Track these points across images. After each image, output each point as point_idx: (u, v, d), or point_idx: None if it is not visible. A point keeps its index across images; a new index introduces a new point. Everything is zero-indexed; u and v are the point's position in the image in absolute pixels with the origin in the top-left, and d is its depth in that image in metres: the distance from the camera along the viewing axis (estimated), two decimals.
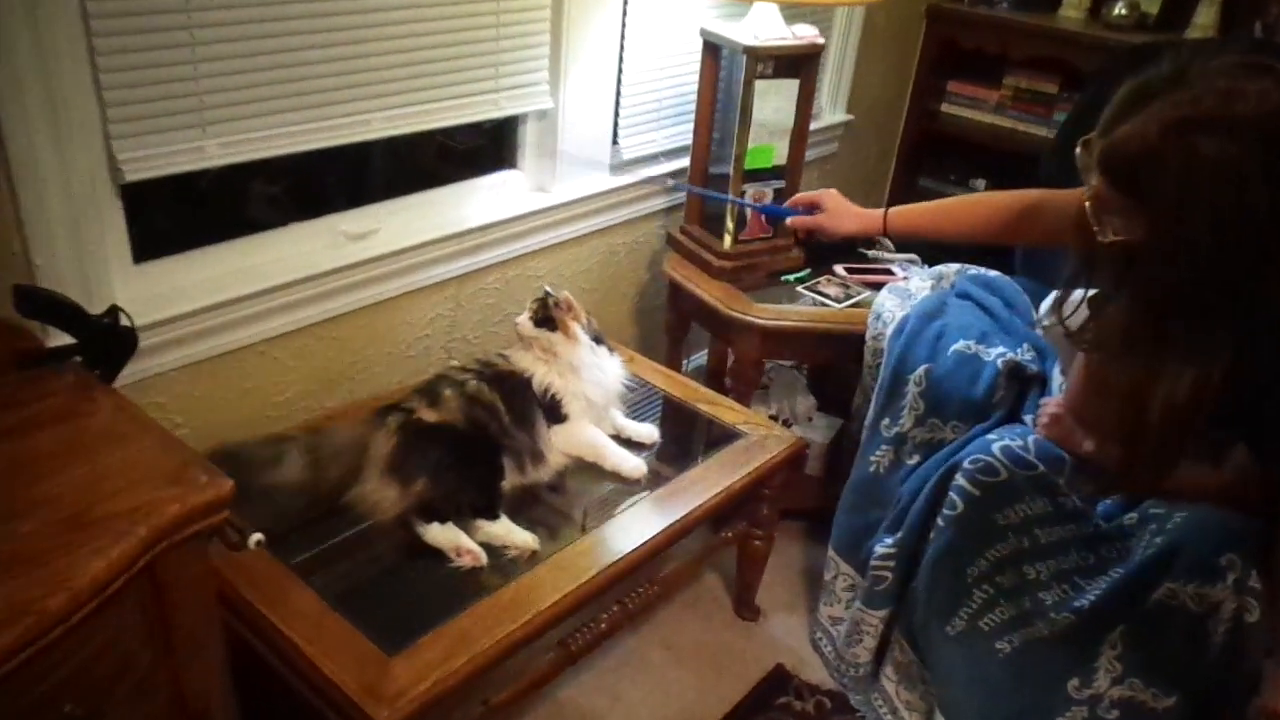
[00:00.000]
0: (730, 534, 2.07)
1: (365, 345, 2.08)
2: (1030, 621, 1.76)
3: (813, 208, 2.21)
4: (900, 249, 2.52)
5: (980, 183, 3.57)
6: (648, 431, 2.00)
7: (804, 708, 2.02)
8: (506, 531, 1.67)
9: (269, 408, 1.94)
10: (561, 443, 1.89)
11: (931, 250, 2.50)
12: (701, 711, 2.00)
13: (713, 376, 2.74)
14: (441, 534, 1.64)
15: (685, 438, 2.08)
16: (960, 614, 1.83)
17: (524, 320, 1.93)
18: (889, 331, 2.12)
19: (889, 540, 1.95)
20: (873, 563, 1.97)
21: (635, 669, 2.07)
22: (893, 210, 2.09)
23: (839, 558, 2.12)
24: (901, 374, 2.02)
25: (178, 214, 1.85)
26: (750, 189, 2.31)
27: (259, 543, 1.29)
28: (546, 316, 1.91)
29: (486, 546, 1.64)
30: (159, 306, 1.69)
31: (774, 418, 2.54)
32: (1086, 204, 1.38)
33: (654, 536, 1.72)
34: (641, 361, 2.26)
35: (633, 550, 1.68)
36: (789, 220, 2.24)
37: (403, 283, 2.08)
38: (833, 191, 2.20)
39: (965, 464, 1.80)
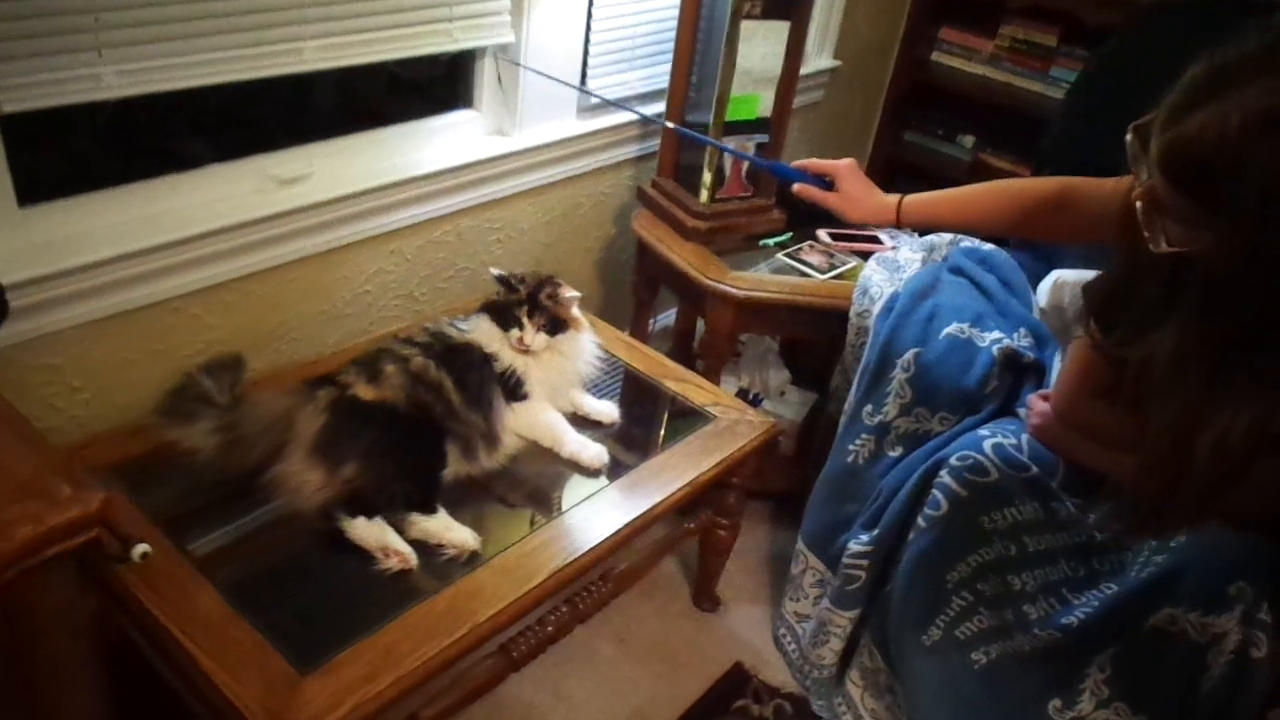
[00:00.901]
0: (693, 525, 1.90)
1: (297, 302, 1.87)
2: (1010, 634, 1.63)
3: (825, 179, 1.87)
4: None
5: (969, 139, 3.39)
6: (607, 410, 1.82)
7: (762, 712, 1.89)
8: (444, 528, 1.49)
9: (185, 370, 1.73)
10: (517, 423, 1.71)
11: None
12: (653, 712, 1.86)
13: (680, 342, 2.56)
14: (368, 530, 1.45)
15: (648, 419, 1.90)
16: (937, 622, 1.69)
17: (532, 336, 1.72)
18: (876, 309, 1.95)
19: (864, 537, 1.81)
20: (845, 560, 1.83)
21: (583, 663, 1.92)
22: (909, 199, 1.81)
23: (809, 551, 1.98)
24: (888, 357, 1.85)
25: (75, 151, 1.61)
26: (731, 142, 2.10)
27: (144, 555, 1.10)
28: (552, 317, 1.74)
29: (420, 545, 1.47)
30: (50, 258, 1.48)
31: (744, 391, 2.37)
32: (1137, 204, 1.16)
33: (609, 536, 1.55)
34: (604, 329, 2.07)
35: (585, 552, 1.51)
36: (796, 187, 1.87)
37: (340, 234, 1.86)
38: (850, 163, 1.85)
39: (953, 460, 1.65)
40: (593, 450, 1.71)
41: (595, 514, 1.60)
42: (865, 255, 2.16)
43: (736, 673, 1.97)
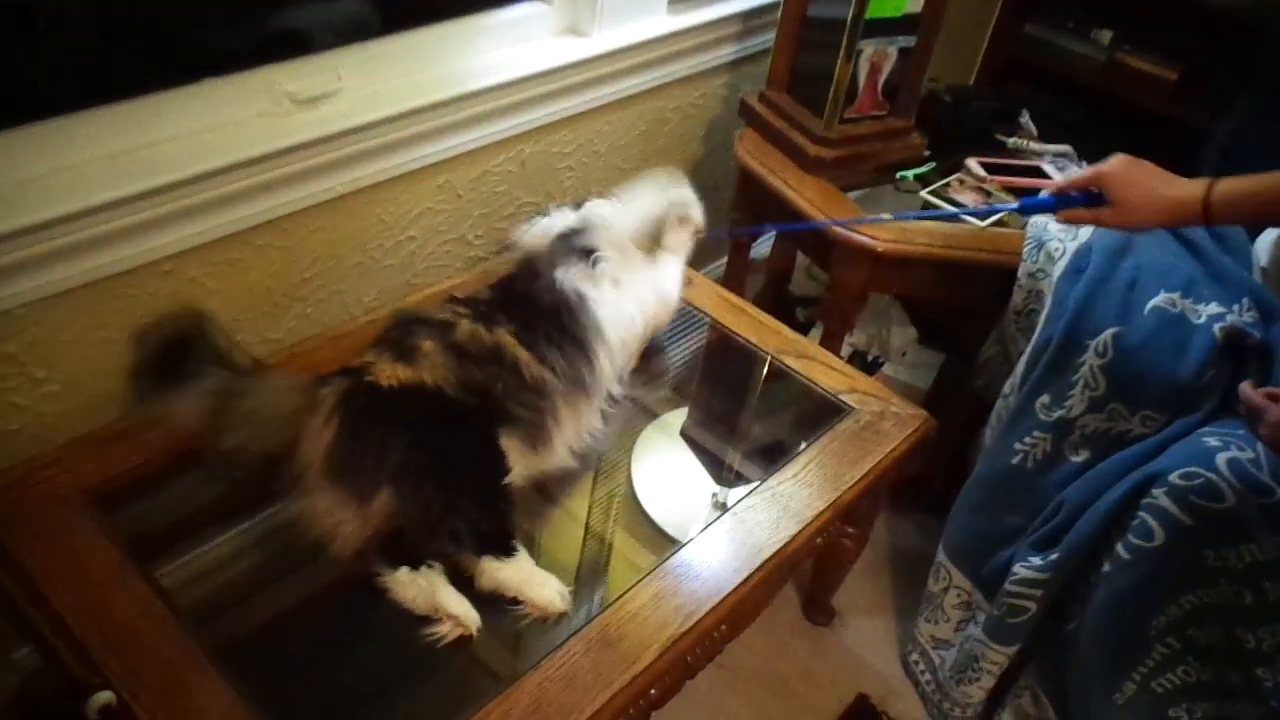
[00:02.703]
0: (820, 539, 1.53)
1: (323, 255, 1.47)
2: (1231, 698, 1.28)
3: (1091, 193, 1.33)
4: (1045, 133, 1.88)
5: (1105, 34, 2.86)
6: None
7: None
8: (524, 580, 1.12)
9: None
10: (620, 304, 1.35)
11: (1090, 142, 1.87)
12: None
13: (774, 287, 2.14)
14: (413, 587, 1.09)
15: (765, 411, 1.51)
16: (1133, 675, 1.35)
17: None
18: (1057, 271, 1.53)
19: (1037, 561, 1.43)
20: (1010, 586, 1.46)
21: (678, 696, 1.58)
22: (1219, 188, 1.25)
23: (953, 566, 1.61)
24: (1076, 336, 1.44)
25: (23, 63, 1.18)
26: (869, 47, 1.64)
27: (106, 707, 0.74)
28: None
29: (491, 598, 1.11)
30: None
31: (858, 354, 1.97)
32: None
33: (736, 587, 1.18)
34: (697, 280, 1.66)
35: (707, 613, 1.14)
36: (1060, 215, 1.35)
37: (376, 167, 1.45)
38: (1122, 161, 1.31)
39: (1174, 478, 1.28)
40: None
41: (714, 552, 1.22)
42: (1026, 192, 1.71)
43: (861, 708, 1.63)
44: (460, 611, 1.08)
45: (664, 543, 1.30)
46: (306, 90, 1.34)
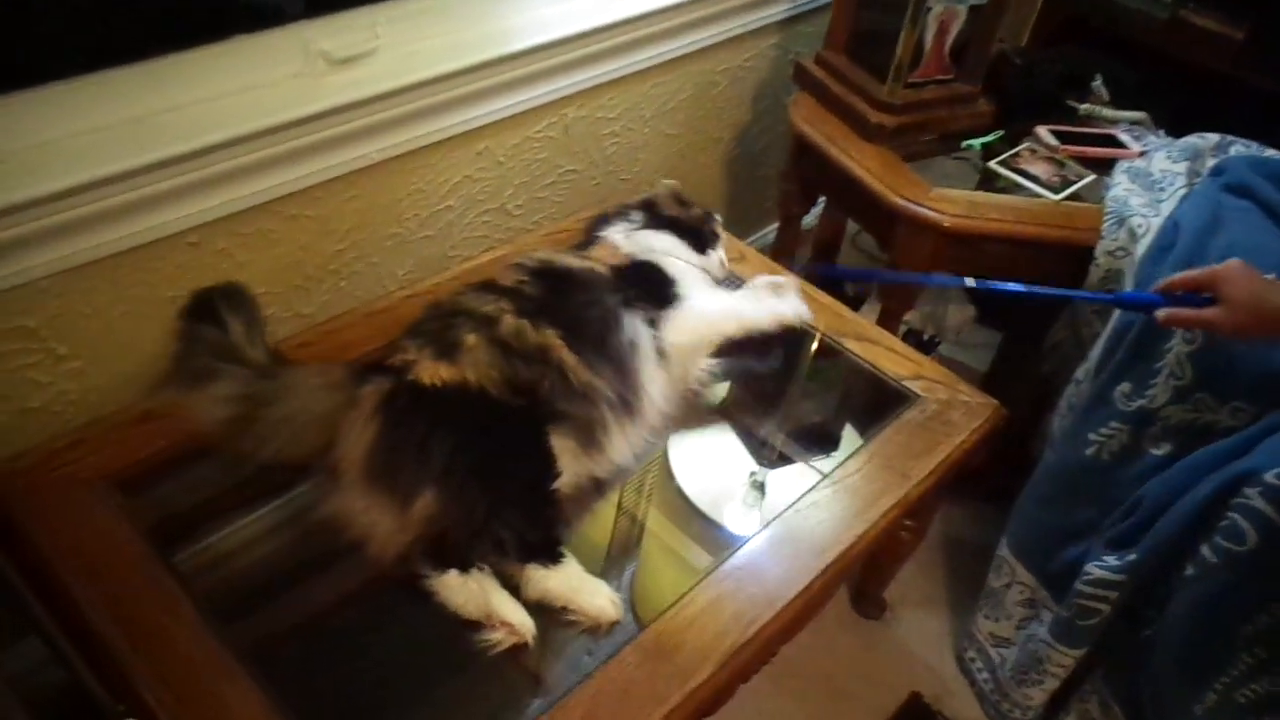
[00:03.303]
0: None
1: (356, 226, 1.39)
2: None
3: (1200, 294, 1.19)
4: (1116, 95, 1.76)
5: None
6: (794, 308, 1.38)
7: None
8: (574, 588, 1.05)
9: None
10: (677, 333, 1.26)
11: (1169, 108, 1.75)
12: None
13: (819, 258, 2.05)
14: (464, 590, 1.02)
15: (824, 399, 1.42)
16: (1215, 686, 1.26)
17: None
18: (1140, 249, 1.42)
19: (1113, 560, 1.34)
20: (1082, 587, 1.37)
21: None
22: None
23: (1017, 561, 1.52)
24: None
25: (38, 19, 1.09)
26: (938, 5, 1.53)
27: None
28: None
29: (537, 607, 1.04)
30: (10, 179, 1.02)
31: (913, 333, 1.87)
32: None
33: (799, 593, 1.11)
34: (750, 255, 1.56)
35: (769, 620, 1.07)
36: (1162, 314, 1.19)
37: (414, 133, 1.36)
38: (1236, 265, 1.17)
39: (1270, 477, 1.18)
40: (793, 304, 1.34)
41: (774, 553, 1.15)
42: (1101, 163, 1.61)
43: (914, 707, 1.56)
44: (516, 619, 1.01)
45: (700, 522, 1.24)
46: (342, 49, 1.25)
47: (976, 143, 1.64)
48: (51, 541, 1.00)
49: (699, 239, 1.33)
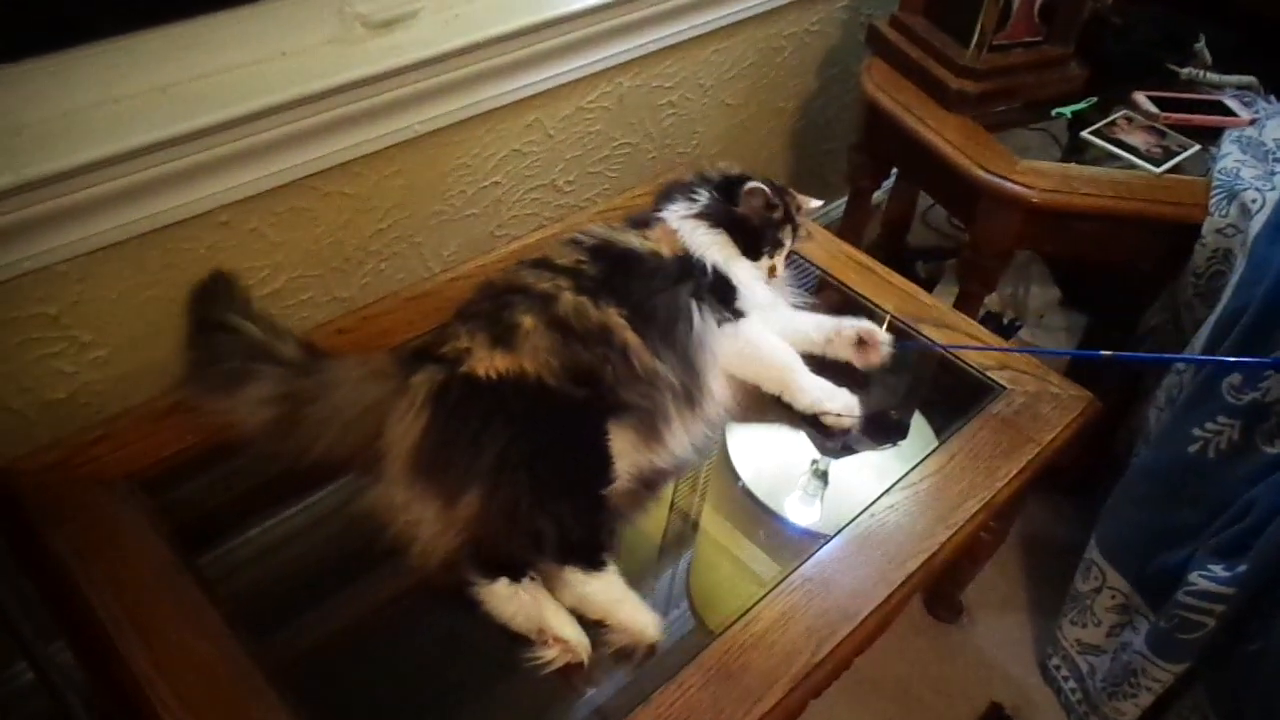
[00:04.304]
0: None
1: (398, 204, 1.30)
2: None
3: None
4: (1220, 60, 1.61)
5: None
6: (844, 402, 1.19)
7: None
8: (614, 600, 0.95)
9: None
10: (728, 358, 1.15)
11: (1274, 73, 1.60)
12: None
13: (890, 237, 1.92)
14: (514, 602, 0.94)
15: (899, 390, 1.30)
16: None
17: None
18: (1255, 227, 1.29)
19: (1221, 571, 1.22)
20: (1185, 598, 1.25)
21: None
22: None
23: (1108, 565, 1.41)
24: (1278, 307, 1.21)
25: None
26: None
27: None
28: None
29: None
30: (23, 155, 0.94)
31: (991, 315, 1.75)
32: None
33: (877, 607, 1.00)
34: (817, 234, 1.45)
35: (842, 640, 0.97)
36: None
37: (460, 103, 1.27)
38: None
39: None
40: (840, 399, 1.15)
41: (848, 561, 1.04)
42: (1206, 132, 1.47)
43: (994, 718, 1.45)
44: (571, 635, 0.92)
45: (760, 513, 1.16)
46: (381, 11, 1.16)
47: (1067, 110, 1.51)
48: (69, 547, 0.93)
49: (755, 242, 1.21)
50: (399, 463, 0.95)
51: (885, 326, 1.28)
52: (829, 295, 1.38)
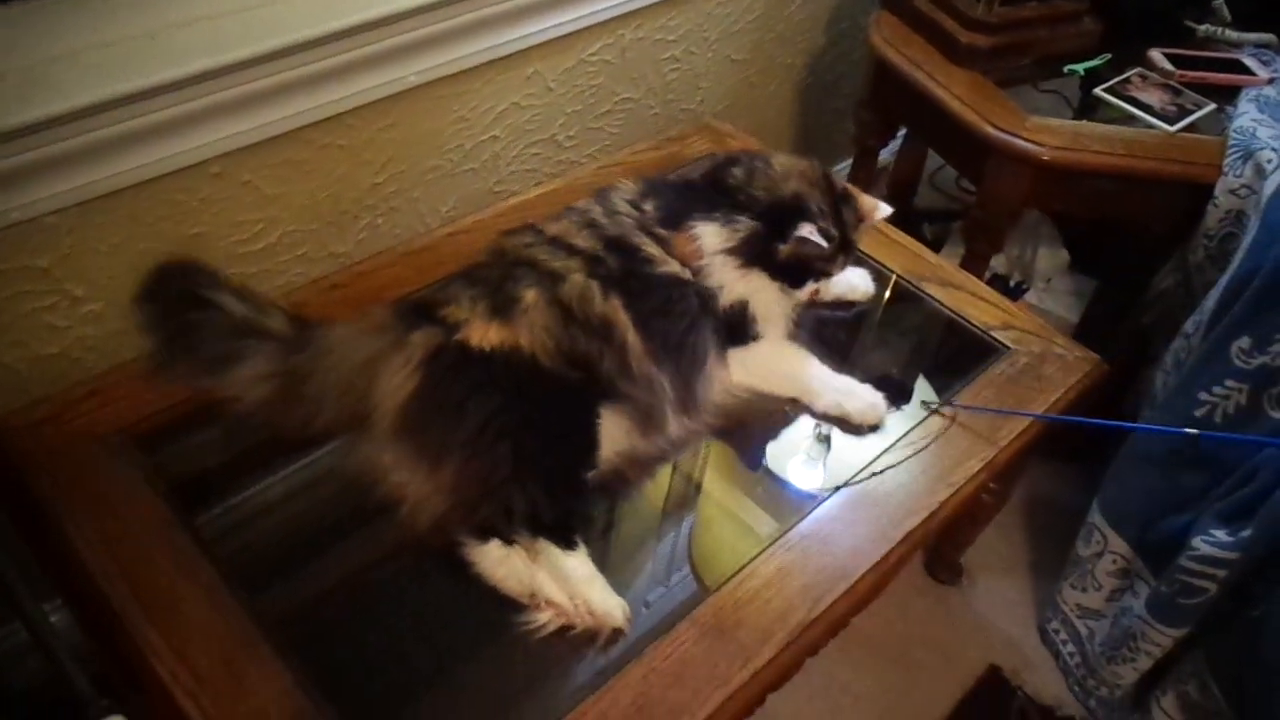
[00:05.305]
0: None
1: (394, 157, 1.28)
2: None
3: None
4: (1239, 17, 1.57)
5: None
6: (867, 401, 1.15)
7: None
8: (583, 579, 0.93)
9: (235, 262, 1.19)
10: (743, 373, 1.13)
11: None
12: None
13: (895, 197, 1.89)
14: (505, 564, 0.93)
15: (902, 349, 1.29)
16: None
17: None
18: (1269, 188, 1.26)
19: (1224, 536, 1.21)
20: (1187, 563, 1.24)
21: None
22: None
23: (1110, 529, 1.40)
24: None
25: None
26: None
27: None
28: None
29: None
30: (7, 102, 0.92)
31: (998, 277, 1.73)
32: None
33: (875, 564, 1.00)
34: None
35: (841, 595, 0.97)
36: None
37: (457, 54, 1.25)
38: None
39: None
40: (863, 398, 1.13)
41: (847, 520, 1.03)
42: (1223, 91, 1.44)
43: (992, 682, 1.45)
44: (561, 599, 0.91)
45: (762, 477, 1.15)
46: None
47: (1080, 68, 1.47)
48: (62, 503, 0.92)
49: (798, 276, 1.13)
50: (386, 421, 0.94)
51: (890, 287, 1.26)
52: None
